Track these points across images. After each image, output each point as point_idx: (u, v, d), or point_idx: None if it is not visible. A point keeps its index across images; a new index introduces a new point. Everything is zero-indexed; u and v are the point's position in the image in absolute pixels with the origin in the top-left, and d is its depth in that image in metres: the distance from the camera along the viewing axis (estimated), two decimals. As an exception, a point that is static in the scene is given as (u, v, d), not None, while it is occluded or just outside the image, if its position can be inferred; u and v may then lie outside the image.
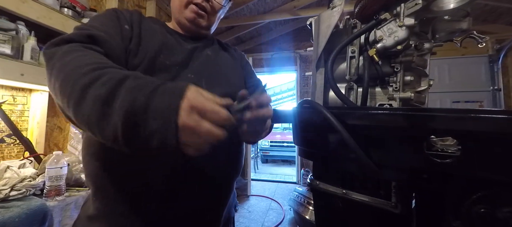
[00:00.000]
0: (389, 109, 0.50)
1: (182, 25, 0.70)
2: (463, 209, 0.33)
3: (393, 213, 0.42)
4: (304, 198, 2.35)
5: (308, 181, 0.56)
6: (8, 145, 1.32)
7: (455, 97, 3.02)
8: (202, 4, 0.66)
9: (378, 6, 0.54)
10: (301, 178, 3.75)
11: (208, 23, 0.71)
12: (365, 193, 0.45)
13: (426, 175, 0.35)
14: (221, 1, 0.70)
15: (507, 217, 0.30)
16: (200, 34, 0.72)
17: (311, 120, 0.49)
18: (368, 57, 0.54)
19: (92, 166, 0.54)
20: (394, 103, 0.54)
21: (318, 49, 0.61)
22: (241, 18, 3.20)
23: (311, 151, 0.54)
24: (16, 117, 1.36)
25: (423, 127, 0.35)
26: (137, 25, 0.60)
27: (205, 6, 0.67)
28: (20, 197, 0.99)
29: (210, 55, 0.70)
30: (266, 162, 6.70)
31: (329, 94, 0.61)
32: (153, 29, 0.63)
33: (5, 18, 1.12)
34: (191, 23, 0.68)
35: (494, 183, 0.32)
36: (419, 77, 0.57)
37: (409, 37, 0.51)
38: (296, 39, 3.96)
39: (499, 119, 0.30)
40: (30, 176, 1.09)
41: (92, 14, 1.53)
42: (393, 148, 0.38)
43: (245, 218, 2.86)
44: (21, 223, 0.87)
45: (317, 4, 3.01)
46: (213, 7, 0.69)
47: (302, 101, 0.53)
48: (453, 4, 0.48)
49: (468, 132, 0.32)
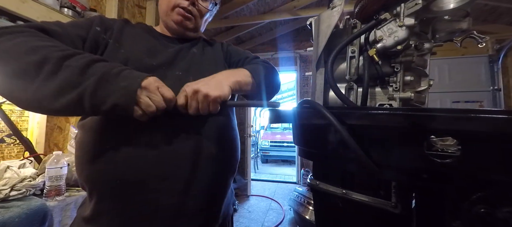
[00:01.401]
0: (389, 109, 0.50)
1: (170, 28, 0.72)
2: (463, 209, 0.33)
3: (393, 213, 0.42)
4: (304, 198, 2.35)
5: (308, 181, 0.56)
6: (8, 145, 1.32)
7: (455, 97, 3.01)
8: (188, 8, 0.67)
9: (378, 6, 0.54)
10: (301, 178, 3.75)
11: (195, 26, 0.72)
12: (365, 193, 0.45)
13: (426, 175, 0.35)
14: (207, 5, 0.71)
15: (507, 217, 0.30)
16: (187, 36, 0.74)
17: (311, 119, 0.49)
18: (368, 57, 0.54)
19: (86, 167, 0.55)
20: (394, 103, 0.54)
21: (318, 49, 0.61)
22: (241, 18, 3.20)
23: (311, 151, 0.54)
24: (16, 117, 1.36)
25: (423, 127, 0.35)
26: (118, 30, 0.62)
27: (191, 10, 0.68)
28: (20, 197, 0.99)
29: (196, 52, 0.71)
30: (266, 162, 6.69)
31: (329, 94, 0.61)
32: (137, 34, 0.66)
33: (5, 18, 1.12)
34: (178, 26, 0.70)
35: (494, 183, 0.32)
36: (419, 77, 0.57)
37: (409, 37, 0.51)
38: (296, 39, 3.96)
39: (499, 119, 0.30)
40: (30, 176, 1.09)
41: (92, 14, 1.53)
42: (393, 148, 0.38)
43: (245, 218, 2.86)
44: (21, 223, 0.87)
45: (317, 4, 3.01)
46: (199, 10, 0.70)
47: (302, 101, 0.53)
48: (453, 4, 0.48)
49: (468, 132, 0.32)
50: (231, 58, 0.78)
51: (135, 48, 0.62)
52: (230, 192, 0.73)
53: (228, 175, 0.68)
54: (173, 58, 0.65)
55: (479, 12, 2.82)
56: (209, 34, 3.44)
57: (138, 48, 0.62)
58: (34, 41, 0.45)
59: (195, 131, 0.59)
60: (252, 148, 5.60)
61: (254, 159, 5.84)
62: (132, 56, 0.59)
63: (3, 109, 1.24)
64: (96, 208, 0.54)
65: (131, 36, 0.64)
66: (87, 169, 0.55)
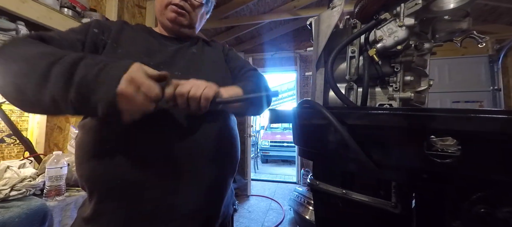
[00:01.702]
0: (389, 109, 0.50)
1: (165, 26, 0.72)
2: (463, 209, 0.33)
3: (393, 213, 0.42)
4: (304, 198, 2.35)
5: (308, 181, 0.56)
6: (8, 145, 1.32)
7: (455, 97, 3.01)
8: (180, 4, 0.68)
9: (378, 6, 0.54)
10: (301, 178, 3.75)
11: (189, 22, 0.72)
12: (365, 193, 0.45)
13: (426, 175, 0.35)
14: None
15: (507, 217, 0.30)
16: (183, 33, 0.74)
17: (311, 119, 0.49)
18: (368, 57, 0.54)
19: (86, 167, 0.55)
20: (394, 103, 0.54)
21: (318, 49, 0.61)
22: (241, 18, 3.19)
23: (311, 151, 0.54)
24: (16, 117, 1.36)
25: (423, 127, 0.35)
26: (116, 31, 0.63)
27: (183, 5, 0.69)
28: (20, 197, 0.99)
29: (196, 52, 0.72)
30: (266, 162, 6.69)
31: (329, 94, 0.61)
32: (136, 34, 0.66)
33: (5, 18, 1.12)
34: (173, 23, 0.70)
35: (494, 183, 0.32)
36: (419, 77, 0.57)
37: (409, 37, 0.51)
38: (296, 39, 3.96)
39: (499, 119, 0.30)
40: (30, 176, 1.09)
41: (92, 14, 1.53)
42: (393, 148, 0.38)
43: (245, 218, 2.86)
44: (21, 223, 0.87)
45: (317, 4, 3.00)
46: (192, 5, 0.70)
47: (302, 101, 0.53)
48: (453, 4, 0.48)
49: (468, 132, 0.32)
50: (229, 63, 0.78)
51: (133, 48, 0.62)
52: (230, 192, 0.73)
53: (227, 175, 0.68)
54: (172, 58, 0.65)
55: (479, 12, 2.82)
56: (209, 34, 3.44)
57: (137, 48, 0.63)
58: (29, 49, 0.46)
59: (195, 131, 0.59)
60: (252, 148, 5.59)
61: (254, 159, 5.84)
62: (130, 56, 0.59)
63: (3, 110, 1.24)
64: (96, 208, 0.54)
65: (129, 36, 0.64)
66: (87, 169, 0.55)
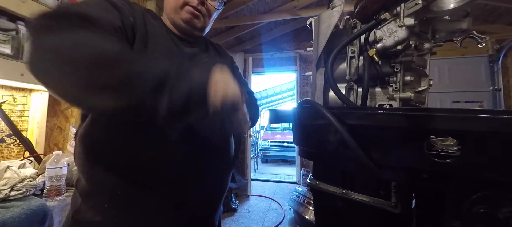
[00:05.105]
0: (389, 109, 0.50)
1: (177, 26, 0.71)
2: (463, 209, 0.33)
3: (393, 213, 0.42)
4: (304, 198, 2.35)
5: (308, 181, 0.56)
6: (8, 145, 1.32)
7: (455, 97, 3.01)
8: (197, 7, 0.67)
9: (378, 6, 0.54)
10: (301, 178, 3.75)
11: (203, 25, 0.72)
12: (365, 193, 0.45)
13: (426, 175, 0.35)
14: (216, 4, 0.71)
15: (507, 217, 0.30)
16: (194, 35, 0.73)
17: (311, 119, 0.49)
18: (368, 57, 0.54)
19: (87, 167, 0.55)
20: (394, 103, 0.54)
21: (318, 49, 0.61)
22: (241, 18, 3.19)
23: (311, 151, 0.54)
24: (16, 117, 1.36)
25: (423, 127, 0.35)
26: (140, 22, 0.58)
27: (200, 8, 0.68)
28: (20, 197, 0.99)
29: (208, 62, 0.72)
30: (266, 162, 6.69)
31: (329, 94, 0.61)
32: (157, 34, 0.63)
33: (5, 18, 1.12)
34: (187, 24, 0.69)
35: (494, 183, 0.32)
36: (419, 77, 0.57)
37: (409, 37, 0.51)
38: (296, 39, 3.96)
39: (499, 119, 0.30)
40: (30, 176, 1.09)
41: (92, 14, 1.53)
42: (393, 148, 0.38)
43: (245, 218, 2.86)
44: (21, 223, 0.87)
45: (317, 4, 3.00)
46: (208, 10, 0.70)
47: (302, 101, 0.53)
48: (453, 4, 0.48)
49: (468, 132, 0.32)
50: None
51: (157, 53, 0.60)
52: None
53: (226, 171, 0.69)
54: (189, 66, 0.65)
55: (479, 12, 2.82)
56: (209, 34, 3.41)
57: (159, 51, 0.61)
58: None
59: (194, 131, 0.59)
60: (252, 148, 5.59)
61: (254, 159, 5.84)
62: (155, 57, 0.58)
63: (3, 110, 1.24)
64: (96, 208, 0.54)
65: (152, 36, 0.61)
66: (87, 169, 0.55)
